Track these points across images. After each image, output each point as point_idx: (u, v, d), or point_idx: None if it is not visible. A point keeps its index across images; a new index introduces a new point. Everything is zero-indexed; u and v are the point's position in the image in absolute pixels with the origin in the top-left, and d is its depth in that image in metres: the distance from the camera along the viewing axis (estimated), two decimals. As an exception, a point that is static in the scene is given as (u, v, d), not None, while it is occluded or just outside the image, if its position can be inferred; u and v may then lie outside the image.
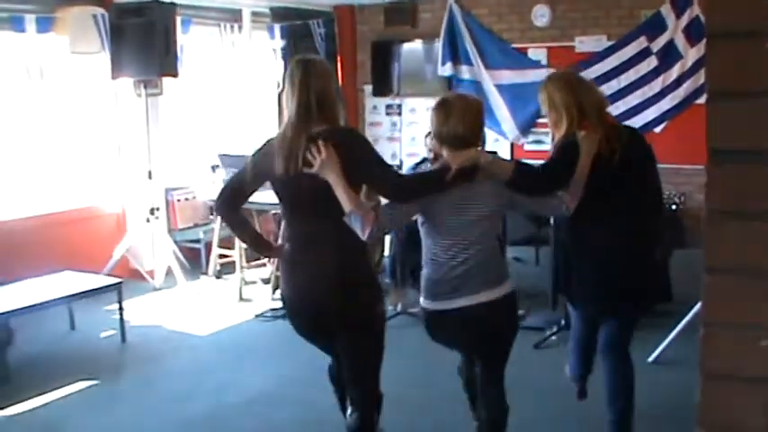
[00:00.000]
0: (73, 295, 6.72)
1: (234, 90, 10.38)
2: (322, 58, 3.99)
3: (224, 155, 8.15)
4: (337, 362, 4.22)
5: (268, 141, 3.85)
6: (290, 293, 3.96)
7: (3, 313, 6.13)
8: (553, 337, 6.49)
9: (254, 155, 3.90)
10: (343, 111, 3.95)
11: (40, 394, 5.75)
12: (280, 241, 4.02)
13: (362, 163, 3.77)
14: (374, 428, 4.21)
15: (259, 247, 4.22)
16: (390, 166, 4.09)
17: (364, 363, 4.10)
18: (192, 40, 9.31)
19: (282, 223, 4.04)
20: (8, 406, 5.57)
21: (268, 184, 3.94)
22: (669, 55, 7.99)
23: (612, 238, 4.27)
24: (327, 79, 3.81)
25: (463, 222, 3.84)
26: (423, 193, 3.84)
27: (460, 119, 3.83)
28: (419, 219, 3.94)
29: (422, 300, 4.06)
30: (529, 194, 3.98)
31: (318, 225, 3.80)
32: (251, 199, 7.16)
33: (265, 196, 7.67)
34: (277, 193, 3.91)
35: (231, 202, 3.97)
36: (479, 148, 3.91)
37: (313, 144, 3.63)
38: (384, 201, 3.97)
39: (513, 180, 3.81)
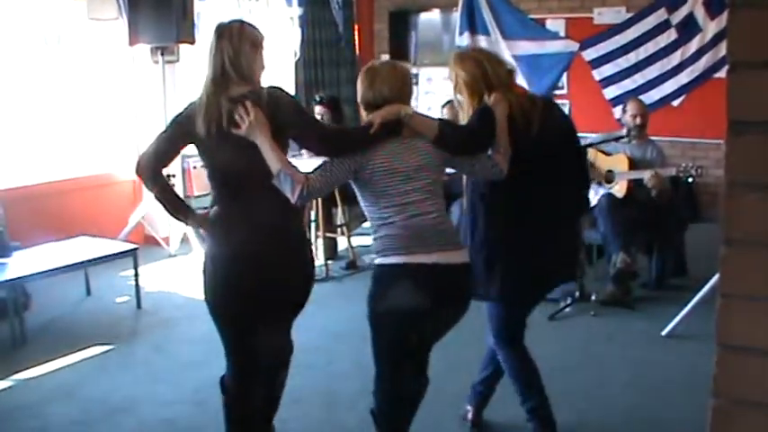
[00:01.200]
0: (89, 261, 6.75)
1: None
2: (244, 21, 3.94)
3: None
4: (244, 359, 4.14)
5: (190, 104, 3.80)
6: (226, 252, 3.83)
7: (20, 278, 6.16)
8: (567, 309, 6.49)
9: (174, 117, 3.85)
10: (261, 74, 3.88)
11: (56, 358, 5.80)
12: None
13: (291, 122, 3.75)
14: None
15: (178, 213, 4.07)
16: (318, 121, 4.12)
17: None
18: (209, 7, 9.28)
19: (210, 186, 3.95)
20: (25, 369, 5.62)
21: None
22: (689, 28, 7.94)
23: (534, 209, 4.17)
24: (242, 43, 3.78)
25: (399, 179, 3.72)
26: (350, 147, 3.77)
27: (386, 83, 3.79)
28: (355, 184, 3.83)
29: (386, 258, 3.80)
30: (454, 154, 3.87)
31: (251, 189, 3.75)
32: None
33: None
34: (201, 156, 3.86)
35: (153, 164, 3.88)
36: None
37: (240, 105, 3.61)
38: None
39: (438, 138, 3.74)
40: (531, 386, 4.35)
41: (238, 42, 3.75)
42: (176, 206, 4.02)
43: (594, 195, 6.86)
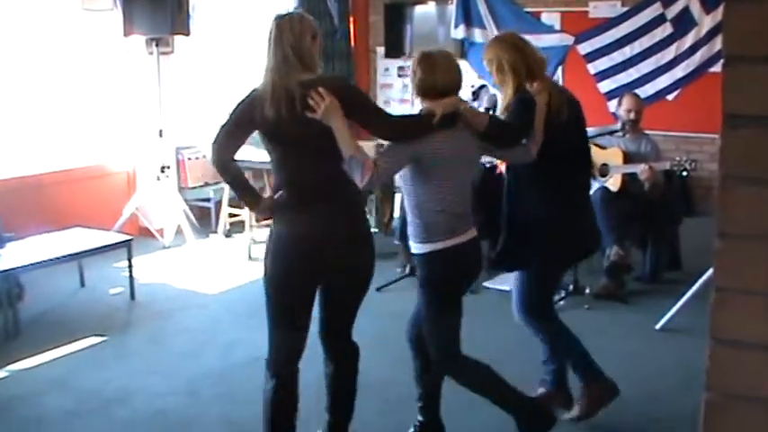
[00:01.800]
0: (83, 252, 6.75)
1: (245, 50, 10.33)
2: (303, 12, 4.08)
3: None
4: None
5: (252, 91, 3.90)
6: (295, 238, 3.89)
7: (14, 269, 6.16)
8: (561, 302, 6.50)
9: (238, 105, 3.93)
10: (321, 64, 4.02)
11: (50, 349, 5.80)
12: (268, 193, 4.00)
13: (360, 107, 3.91)
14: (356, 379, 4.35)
15: (248, 199, 4.14)
16: (382, 108, 4.20)
17: (352, 316, 4.25)
18: (204, -1, 9.27)
19: (273, 172, 4.02)
20: (18, 360, 5.62)
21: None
22: (684, 22, 7.93)
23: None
24: (304, 32, 3.91)
25: (452, 168, 4.00)
26: (412, 133, 3.95)
27: (446, 73, 4.02)
28: (409, 170, 4.01)
29: (423, 246, 4.08)
30: (498, 147, 4.26)
31: (320, 172, 3.87)
32: (262, 158, 7.17)
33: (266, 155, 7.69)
34: (269, 141, 3.91)
35: (224, 153, 3.99)
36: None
37: (312, 90, 3.70)
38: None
39: (488, 131, 4.04)
40: (572, 349, 4.66)
41: (300, 32, 3.88)
42: (247, 193, 4.09)
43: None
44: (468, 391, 4.30)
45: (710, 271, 1.53)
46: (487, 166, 6.52)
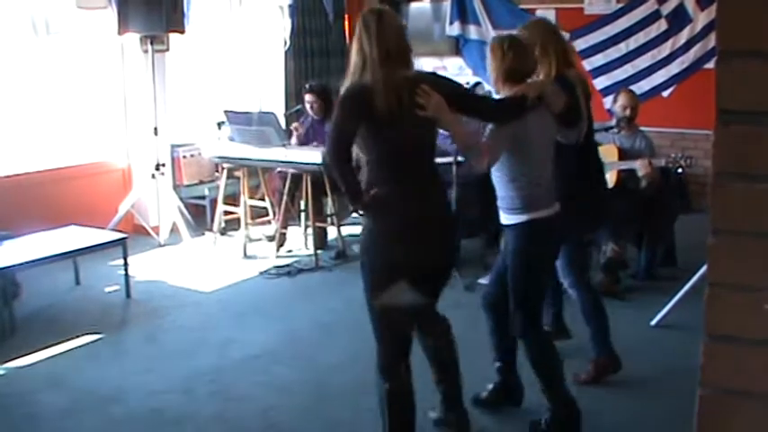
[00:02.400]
0: (78, 250, 6.74)
1: (240, 47, 10.33)
2: (391, 9, 4.21)
3: (230, 111, 8.13)
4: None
5: (357, 86, 3.87)
6: (400, 232, 3.94)
7: (9, 267, 6.15)
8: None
9: (346, 101, 3.91)
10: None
11: (46, 347, 5.79)
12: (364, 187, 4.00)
13: (462, 98, 4.10)
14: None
15: (354, 196, 4.03)
16: (481, 95, 4.40)
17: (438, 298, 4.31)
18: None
19: (371, 168, 3.98)
20: (14, 358, 5.61)
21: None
22: (679, 18, 7.95)
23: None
24: (401, 27, 4.02)
25: (540, 145, 4.32)
26: (516, 116, 4.15)
27: (530, 57, 4.36)
28: (507, 151, 4.26)
29: (520, 216, 4.32)
30: (566, 126, 4.53)
31: (428, 167, 4.03)
32: (257, 155, 7.16)
33: (272, 153, 7.69)
34: (374, 136, 3.90)
35: (343, 154, 3.93)
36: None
37: (417, 87, 3.81)
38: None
39: (564, 112, 4.37)
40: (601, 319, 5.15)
41: (398, 27, 3.98)
42: (355, 191, 3.97)
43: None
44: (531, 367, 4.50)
45: (705, 267, 1.53)
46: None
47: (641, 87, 8.04)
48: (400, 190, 3.90)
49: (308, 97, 8.31)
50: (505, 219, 4.36)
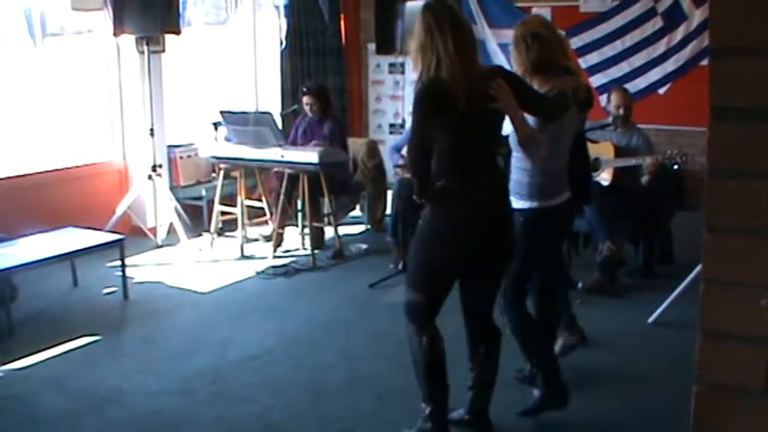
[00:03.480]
0: (76, 252, 6.74)
1: (236, 47, 10.33)
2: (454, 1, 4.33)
3: (226, 112, 8.12)
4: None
5: (431, 82, 3.89)
6: (465, 223, 4.02)
7: (7, 269, 6.14)
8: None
9: (423, 98, 3.93)
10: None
11: (43, 349, 5.78)
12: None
13: (523, 92, 4.11)
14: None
15: (426, 190, 4.08)
16: (536, 90, 4.38)
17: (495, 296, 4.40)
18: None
19: (439, 160, 4.00)
20: (12, 361, 5.60)
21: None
22: (674, 16, 7.95)
23: None
24: (469, 23, 4.13)
25: (568, 138, 4.55)
26: (560, 112, 4.30)
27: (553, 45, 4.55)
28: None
29: (534, 203, 4.46)
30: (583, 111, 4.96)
31: (492, 160, 4.13)
32: (253, 156, 7.15)
33: (268, 153, 7.69)
34: (450, 129, 3.95)
35: (428, 149, 3.97)
36: None
37: (489, 80, 3.91)
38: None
39: (583, 99, 4.64)
40: None
41: (468, 22, 4.10)
42: (429, 183, 4.00)
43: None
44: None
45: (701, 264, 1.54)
46: None
47: (637, 85, 8.04)
48: (467, 182, 4.00)
49: (306, 99, 8.30)
50: (515, 202, 4.39)
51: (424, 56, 3.93)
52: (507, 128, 4.30)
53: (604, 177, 6.92)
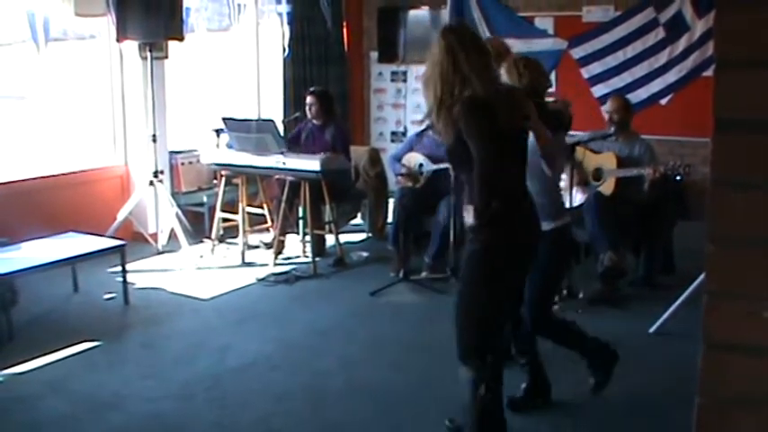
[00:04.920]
0: (77, 257, 6.74)
1: (239, 54, 10.35)
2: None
3: (228, 119, 8.13)
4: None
5: (478, 99, 3.80)
6: (519, 243, 4.04)
7: (8, 273, 6.14)
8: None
9: (474, 113, 3.81)
10: None
11: (44, 354, 5.78)
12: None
13: (541, 108, 4.31)
14: None
15: (485, 212, 3.89)
16: None
17: None
18: (198, 3, 9.26)
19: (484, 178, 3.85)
20: (12, 365, 5.60)
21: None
22: (677, 26, 7.94)
23: None
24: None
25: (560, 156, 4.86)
26: (566, 128, 4.81)
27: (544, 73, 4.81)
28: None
29: (559, 222, 4.68)
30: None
31: (524, 178, 4.11)
32: (255, 163, 7.17)
33: (270, 161, 7.69)
34: (494, 149, 3.84)
35: (498, 164, 3.87)
36: None
37: (514, 98, 4.03)
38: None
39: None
40: None
41: (483, 41, 4.24)
42: (488, 204, 3.85)
43: (581, 194, 6.90)
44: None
45: (704, 275, 1.53)
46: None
47: (639, 96, 8.03)
48: (509, 201, 3.93)
49: (308, 99, 8.32)
50: (544, 225, 4.31)
51: (445, 78, 3.84)
52: None
53: (605, 188, 6.92)
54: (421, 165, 7.70)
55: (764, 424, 1.59)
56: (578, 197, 6.90)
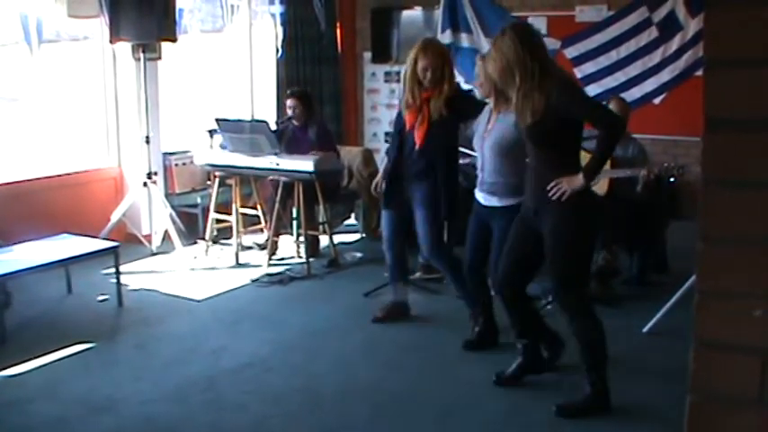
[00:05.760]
0: (70, 258, 6.72)
1: (233, 55, 10.34)
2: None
3: (221, 119, 8.12)
4: None
5: (564, 72, 4.99)
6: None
7: (1, 275, 6.13)
8: (549, 306, 6.50)
9: (576, 83, 5.09)
10: None
11: (37, 356, 5.77)
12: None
13: None
14: None
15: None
16: None
17: None
18: (191, 4, 9.25)
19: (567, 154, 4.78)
20: (5, 367, 5.59)
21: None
22: (670, 26, 7.95)
23: None
24: None
25: None
26: None
27: None
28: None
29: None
30: None
31: None
32: (249, 163, 7.20)
33: (264, 162, 7.68)
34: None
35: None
36: None
37: None
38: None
39: None
40: None
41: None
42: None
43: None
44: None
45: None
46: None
47: (632, 95, 8.04)
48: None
49: (289, 102, 8.30)
50: (504, 201, 5.33)
51: (525, 66, 4.51)
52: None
53: (599, 188, 6.91)
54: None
55: (755, 422, 1.59)
56: None
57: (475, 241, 5.64)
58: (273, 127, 8.28)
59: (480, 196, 5.55)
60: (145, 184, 8.43)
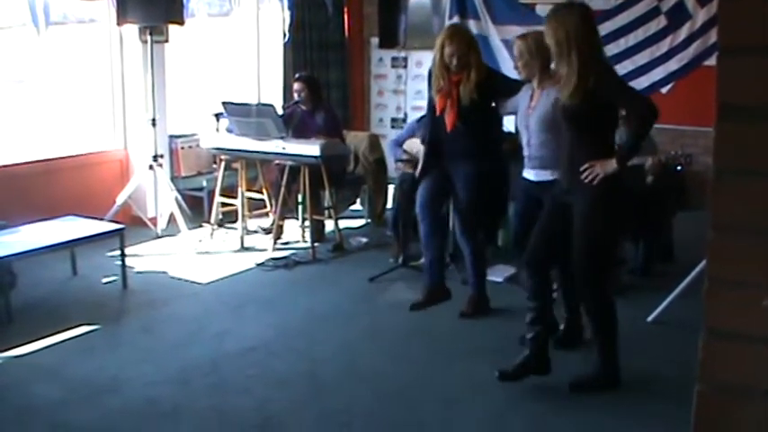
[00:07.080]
0: (75, 240, 6.73)
1: (240, 39, 10.32)
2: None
3: (228, 103, 8.11)
4: None
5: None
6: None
7: (6, 256, 6.14)
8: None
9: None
10: None
11: (42, 338, 5.78)
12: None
13: None
14: None
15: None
16: None
17: None
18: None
19: (603, 140, 4.88)
20: (10, 348, 5.60)
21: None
22: (678, 15, 7.91)
23: None
24: None
25: None
26: None
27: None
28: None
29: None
30: None
31: None
32: (255, 147, 7.21)
33: (270, 146, 7.67)
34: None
35: None
36: None
37: None
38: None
39: None
40: None
41: None
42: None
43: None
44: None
45: (703, 263, 1.53)
46: None
47: (640, 84, 8.00)
48: None
49: (296, 86, 8.31)
50: (548, 175, 5.40)
51: (578, 43, 4.66)
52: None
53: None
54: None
55: (764, 412, 1.59)
56: None
57: (528, 224, 5.45)
58: (280, 111, 8.27)
59: (531, 174, 5.58)
60: (151, 167, 8.43)
